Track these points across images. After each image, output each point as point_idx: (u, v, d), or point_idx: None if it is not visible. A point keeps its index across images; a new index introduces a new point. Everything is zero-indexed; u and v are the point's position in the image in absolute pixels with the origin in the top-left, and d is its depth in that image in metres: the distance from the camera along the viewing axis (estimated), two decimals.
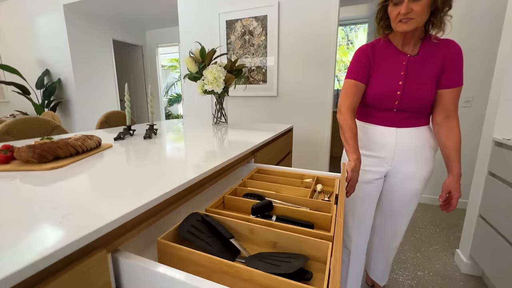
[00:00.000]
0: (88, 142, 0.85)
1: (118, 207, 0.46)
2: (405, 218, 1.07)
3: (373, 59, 0.94)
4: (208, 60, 1.58)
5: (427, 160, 0.96)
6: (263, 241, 0.56)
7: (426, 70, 0.88)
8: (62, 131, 1.47)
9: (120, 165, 0.75)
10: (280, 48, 2.56)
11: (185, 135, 1.37)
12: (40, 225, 0.41)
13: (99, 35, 4.28)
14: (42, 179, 0.62)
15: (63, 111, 4.14)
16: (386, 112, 0.95)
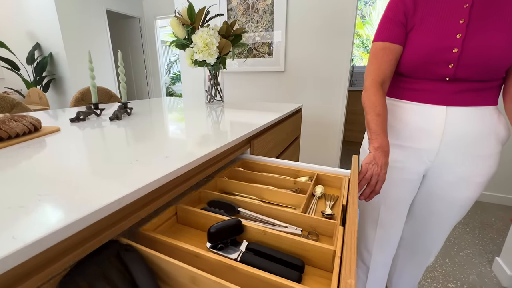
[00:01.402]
0: (10, 126, 0.60)
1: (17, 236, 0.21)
2: (443, 233, 0.80)
3: (414, 7, 0.64)
4: (199, 22, 1.27)
5: (490, 157, 0.66)
6: None
7: (502, 13, 0.56)
8: (24, 108, 1.23)
9: (54, 160, 0.50)
10: (289, 15, 2.18)
11: (165, 117, 1.11)
12: None
13: (91, 5, 3.92)
14: None
15: (57, 88, 3.92)
16: (432, 82, 0.65)
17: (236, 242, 0.43)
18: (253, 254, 0.39)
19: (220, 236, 0.41)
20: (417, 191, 0.79)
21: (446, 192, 0.72)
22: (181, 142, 0.66)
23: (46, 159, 0.51)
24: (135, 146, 0.62)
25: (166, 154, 0.54)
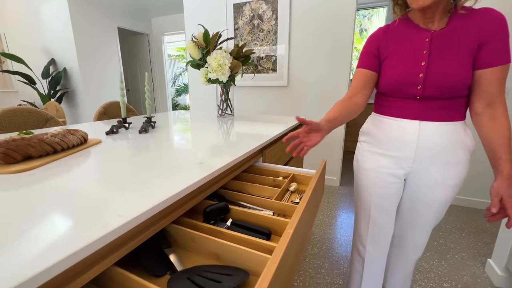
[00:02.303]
0: (69, 138, 0.73)
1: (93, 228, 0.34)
2: (427, 229, 0.91)
3: (386, 42, 0.80)
4: (212, 45, 1.43)
5: (459, 164, 0.78)
6: (205, 252, 0.50)
7: (456, 45, 0.70)
8: (56, 123, 1.37)
9: (103, 168, 0.63)
10: (292, 34, 2.36)
11: (186, 129, 1.24)
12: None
13: (103, 23, 4.16)
14: (6, 184, 0.50)
15: (69, 101, 4.10)
16: (407, 101, 0.78)
17: (224, 219, 0.60)
18: (235, 227, 0.55)
19: (212, 214, 0.59)
20: (402, 194, 0.91)
21: (424, 194, 0.84)
22: (206, 151, 0.79)
23: (106, 164, 0.64)
24: (170, 154, 0.75)
25: (199, 161, 0.67)
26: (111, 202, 0.44)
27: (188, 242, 0.50)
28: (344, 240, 1.64)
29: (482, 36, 0.67)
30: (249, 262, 0.45)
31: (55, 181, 0.54)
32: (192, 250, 0.51)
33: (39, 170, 0.59)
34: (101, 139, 0.89)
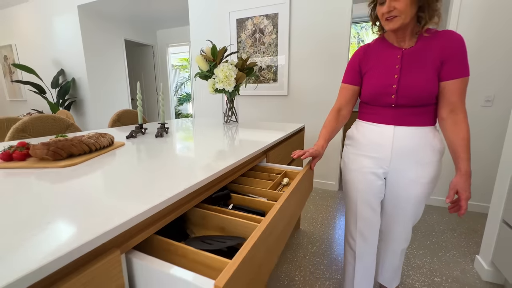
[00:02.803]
0: (101, 140, 0.85)
1: (132, 206, 0.45)
2: (409, 223, 1.02)
3: (366, 59, 0.95)
4: (219, 59, 1.57)
5: (429, 164, 0.90)
6: (213, 225, 0.62)
7: (423, 61, 0.83)
8: (76, 129, 1.49)
9: (133, 164, 0.74)
10: (291, 47, 2.52)
11: (196, 134, 1.36)
12: (51, 224, 0.40)
13: (111, 35, 4.35)
14: (55, 176, 0.62)
15: (77, 110, 4.24)
16: (383, 108, 0.92)
17: (227, 204, 0.74)
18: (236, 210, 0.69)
19: (217, 200, 0.72)
20: (384, 191, 1.02)
21: (402, 190, 0.96)
22: (218, 151, 0.90)
23: (133, 161, 0.76)
24: (187, 154, 0.87)
25: (213, 159, 0.79)
26: (149, 187, 0.55)
27: (199, 220, 0.63)
28: (342, 239, 1.73)
29: (444, 54, 0.80)
30: (246, 232, 0.57)
31: (98, 173, 0.65)
32: (202, 225, 0.64)
33: (81, 165, 0.71)
34: (124, 142, 1.01)
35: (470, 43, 1.95)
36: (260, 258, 0.48)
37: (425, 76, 0.82)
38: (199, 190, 0.62)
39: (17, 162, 0.70)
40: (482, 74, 1.96)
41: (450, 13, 1.99)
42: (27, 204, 0.47)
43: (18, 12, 4.38)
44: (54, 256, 0.32)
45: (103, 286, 0.38)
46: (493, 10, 1.86)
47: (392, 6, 0.77)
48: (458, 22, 1.95)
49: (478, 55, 1.94)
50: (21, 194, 0.52)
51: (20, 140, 0.86)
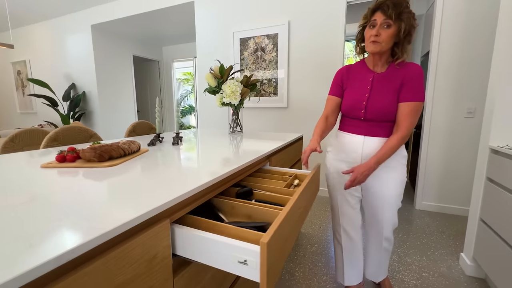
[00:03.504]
0: (132, 146, 1.02)
1: (174, 189, 0.62)
2: (385, 220, 1.15)
3: (347, 77, 1.14)
4: (226, 76, 1.77)
5: (395, 167, 1.08)
6: (241, 214, 0.76)
7: (388, 85, 1.02)
8: (98, 138, 1.67)
9: (161, 164, 0.91)
10: (290, 63, 2.74)
11: (208, 142, 1.54)
12: (117, 202, 0.56)
13: (121, 52, 4.62)
14: (105, 173, 0.78)
15: (86, 121, 4.43)
16: (356, 121, 1.10)
17: (250, 199, 0.86)
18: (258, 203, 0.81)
19: (242, 195, 0.85)
20: (361, 191, 1.19)
21: (376, 189, 1.12)
22: (228, 155, 1.07)
23: (161, 162, 0.93)
24: (203, 156, 1.04)
25: (226, 160, 0.95)
26: (181, 178, 0.72)
27: (229, 210, 0.77)
28: None
29: (404, 80, 0.99)
30: (270, 217, 0.71)
31: (138, 170, 0.82)
32: (232, 214, 0.77)
33: (121, 165, 0.87)
34: (147, 149, 1.18)
35: (451, 60, 2.16)
36: (285, 233, 0.61)
37: (388, 98, 1.01)
38: (220, 182, 0.79)
39: (69, 163, 0.87)
40: (464, 89, 2.16)
41: (432, 34, 2.21)
42: (98, 190, 0.64)
43: (33, 30, 4.67)
44: (129, 219, 0.48)
45: (156, 244, 0.54)
46: (470, 31, 2.08)
47: (379, 32, 0.96)
48: (440, 41, 2.17)
49: (459, 71, 2.15)
50: (89, 184, 0.68)
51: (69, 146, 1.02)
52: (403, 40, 0.97)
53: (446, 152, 2.29)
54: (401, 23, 0.93)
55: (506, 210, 1.21)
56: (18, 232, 0.42)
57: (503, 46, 1.30)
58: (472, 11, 2.05)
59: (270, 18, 2.76)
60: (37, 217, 0.48)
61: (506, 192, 1.22)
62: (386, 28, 0.95)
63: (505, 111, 1.32)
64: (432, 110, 2.29)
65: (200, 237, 0.57)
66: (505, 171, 1.23)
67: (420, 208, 2.44)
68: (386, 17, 0.94)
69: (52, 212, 0.50)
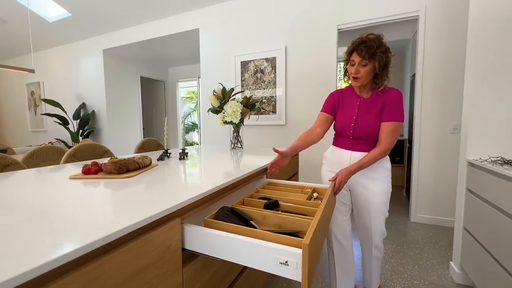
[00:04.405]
0: (145, 161, 1.17)
1: (185, 194, 0.76)
2: (373, 228, 1.25)
3: (338, 100, 1.30)
4: (228, 97, 1.95)
5: (379, 178, 1.21)
6: (271, 223, 0.83)
7: (372, 109, 1.18)
8: (110, 154, 1.82)
9: (170, 175, 1.05)
10: (288, 84, 2.95)
11: (211, 157, 1.68)
12: (137, 205, 0.70)
13: (129, 73, 4.91)
14: (125, 183, 0.93)
15: (94, 138, 4.63)
16: (346, 138, 1.26)
17: (277, 210, 0.94)
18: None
19: (269, 206, 0.93)
20: (350, 200, 1.31)
21: (363, 199, 1.24)
22: (234, 167, 1.21)
23: (171, 174, 1.07)
24: (207, 169, 1.18)
25: (229, 171, 1.10)
26: (186, 187, 0.86)
27: (261, 219, 0.85)
28: None
29: (385, 103, 1.15)
30: (297, 227, 0.79)
31: (152, 180, 0.96)
32: (263, 224, 0.85)
33: (136, 177, 1.02)
34: (157, 163, 1.33)
35: (436, 80, 2.35)
36: (318, 238, 0.69)
37: (372, 120, 1.16)
38: (225, 189, 0.93)
39: (93, 175, 1.01)
40: (449, 106, 2.32)
41: (417, 58, 2.42)
42: (121, 196, 0.78)
43: (49, 54, 5.01)
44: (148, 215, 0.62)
45: (169, 238, 0.68)
46: (451, 55, 2.28)
47: (358, 70, 1.13)
48: (424, 64, 2.37)
49: (444, 90, 2.33)
50: (112, 192, 0.82)
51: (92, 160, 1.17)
52: (381, 73, 1.14)
53: (436, 166, 2.41)
54: (375, 61, 1.10)
55: (484, 219, 1.32)
56: (78, 219, 0.56)
57: (472, 69, 1.47)
58: (451, 38, 2.26)
59: (269, 43, 3.01)
60: (82, 214, 0.62)
61: (483, 203, 1.33)
62: (363, 66, 1.12)
63: (478, 127, 1.46)
64: (421, 127, 2.44)
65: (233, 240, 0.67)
66: (481, 182, 1.36)
67: (415, 220, 2.52)
68: (361, 58, 1.11)
69: (91, 212, 0.64)
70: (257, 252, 0.65)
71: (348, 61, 1.19)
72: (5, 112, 6.08)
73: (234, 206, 0.92)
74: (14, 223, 0.56)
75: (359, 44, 1.12)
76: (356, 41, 1.15)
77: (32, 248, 0.44)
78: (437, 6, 2.30)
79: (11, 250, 0.44)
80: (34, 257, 0.41)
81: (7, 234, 0.50)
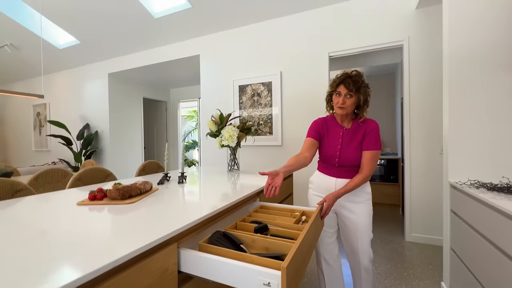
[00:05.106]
0: (146, 186, 1.27)
1: (181, 220, 0.85)
2: (360, 249, 1.31)
3: (323, 128, 1.40)
4: (225, 122, 2.07)
5: (362, 202, 1.31)
6: (260, 246, 0.92)
7: (354, 138, 1.30)
8: (114, 177, 1.92)
9: (169, 200, 1.15)
10: (283, 106, 3.10)
11: (208, 181, 1.78)
12: (138, 231, 0.79)
13: (132, 95, 5.11)
14: (127, 209, 1.02)
15: (97, 158, 4.74)
16: (331, 166, 1.36)
17: (266, 234, 1.02)
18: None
19: (259, 230, 1.02)
20: (337, 223, 1.38)
21: (349, 222, 1.32)
22: (228, 191, 1.30)
23: (170, 199, 1.16)
24: (206, 193, 1.27)
25: (225, 195, 1.19)
26: (183, 213, 0.95)
27: (250, 243, 0.93)
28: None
29: (365, 133, 1.27)
30: (283, 250, 0.86)
31: (153, 205, 1.05)
32: (252, 247, 0.92)
33: (138, 203, 1.11)
34: (158, 187, 1.43)
35: (422, 104, 2.48)
36: (299, 261, 0.77)
37: (354, 149, 1.28)
38: (220, 214, 1.02)
39: (99, 201, 1.11)
40: (436, 128, 2.44)
41: (403, 86, 2.57)
42: (124, 222, 0.87)
43: (56, 77, 5.24)
44: (147, 243, 0.71)
45: (166, 261, 0.76)
46: (434, 80, 2.43)
47: (344, 101, 1.26)
48: (410, 91, 2.52)
49: (430, 113, 2.46)
50: (116, 218, 0.91)
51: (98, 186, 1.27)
52: (362, 105, 1.27)
53: (426, 185, 2.49)
54: (359, 94, 1.24)
55: (467, 241, 1.38)
56: (91, 246, 0.65)
57: (448, 98, 1.60)
58: (434, 66, 2.43)
59: (265, 69, 3.20)
60: (90, 241, 0.71)
61: (465, 225, 1.40)
62: (349, 98, 1.25)
63: (458, 150, 1.56)
64: (410, 148, 2.55)
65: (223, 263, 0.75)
66: (462, 205, 1.44)
67: (410, 240, 2.55)
68: (348, 91, 1.24)
69: (97, 238, 0.73)
70: (244, 274, 0.73)
71: (334, 92, 1.32)
72: (12, 132, 6.24)
73: (226, 230, 1.01)
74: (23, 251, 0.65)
75: (346, 78, 1.26)
76: (342, 75, 1.29)
77: (44, 273, 0.53)
78: (420, 35, 2.49)
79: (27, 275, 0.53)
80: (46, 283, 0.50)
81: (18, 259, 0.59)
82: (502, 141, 1.45)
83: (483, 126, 1.50)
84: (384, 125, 4.36)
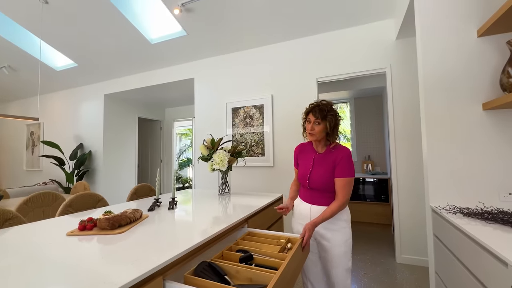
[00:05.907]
0: (136, 215, 1.30)
1: (167, 253, 0.88)
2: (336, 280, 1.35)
3: (299, 153, 1.53)
4: (216, 147, 2.14)
5: (339, 229, 1.34)
6: (244, 277, 0.95)
7: (325, 163, 1.37)
8: (104, 203, 1.93)
9: (159, 229, 1.18)
10: (274, 128, 3.19)
11: (198, 205, 1.81)
12: (125, 264, 0.83)
13: (127, 115, 5.18)
14: (116, 239, 1.05)
15: (89, 178, 4.70)
16: (305, 189, 1.45)
17: (250, 263, 1.05)
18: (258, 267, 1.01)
19: (244, 260, 1.05)
20: (317, 249, 1.41)
21: (327, 248, 1.35)
22: (216, 218, 1.34)
23: (159, 227, 1.19)
24: (196, 220, 1.31)
25: (213, 223, 1.22)
26: (171, 242, 0.98)
27: (235, 273, 0.95)
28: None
29: (336, 160, 1.34)
30: (267, 280, 0.89)
31: (141, 234, 1.08)
32: (237, 278, 0.95)
33: (127, 232, 1.14)
34: (148, 214, 1.46)
35: (405, 129, 2.60)
36: None
37: (324, 173, 1.35)
38: (206, 243, 1.05)
39: (88, 231, 1.13)
40: (420, 152, 2.54)
41: (387, 109, 2.70)
42: (113, 254, 0.90)
43: (51, 97, 5.30)
44: (134, 277, 0.74)
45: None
46: (415, 109, 2.56)
47: (313, 127, 1.36)
48: (394, 115, 2.64)
49: (414, 135, 2.57)
50: (105, 249, 0.94)
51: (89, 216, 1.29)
52: (332, 132, 1.36)
53: (414, 207, 2.55)
54: (326, 122, 1.34)
55: (449, 265, 1.42)
56: (76, 282, 0.68)
57: (424, 120, 1.70)
58: (415, 92, 2.58)
59: (257, 92, 3.32)
60: (78, 275, 0.74)
61: (445, 249, 1.45)
62: (317, 125, 1.35)
63: (437, 175, 1.64)
64: (397, 170, 2.63)
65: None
66: (443, 229, 1.49)
67: (401, 261, 2.57)
68: (315, 118, 1.35)
69: (85, 272, 0.76)
70: None
71: (306, 120, 1.43)
72: (3, 151, 6.18)
73: (212, 260, 1.04)
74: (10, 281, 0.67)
75: (314, 107, 1.38)
76: (312, 104, 1.41)
77: None
78: (401, 63, 2.66)
79: None
80: None
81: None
82: (476, 167, 1.54)
83: (458, 152, 1.59)
84: (373, 145, 4.48)
